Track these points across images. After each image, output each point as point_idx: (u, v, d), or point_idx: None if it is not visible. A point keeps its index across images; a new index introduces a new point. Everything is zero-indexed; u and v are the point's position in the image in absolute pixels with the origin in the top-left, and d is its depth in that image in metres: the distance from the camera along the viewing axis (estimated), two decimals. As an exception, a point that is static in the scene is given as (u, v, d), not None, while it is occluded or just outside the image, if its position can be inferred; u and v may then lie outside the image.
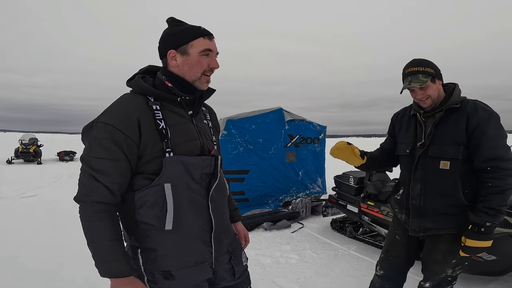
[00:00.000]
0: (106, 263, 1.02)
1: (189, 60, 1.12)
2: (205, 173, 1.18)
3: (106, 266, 1.02)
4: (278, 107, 5.22)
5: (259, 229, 4.32)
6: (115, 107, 1.08)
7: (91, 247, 1.03)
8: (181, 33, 1.12)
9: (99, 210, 1.03)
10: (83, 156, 1.06)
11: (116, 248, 1.04)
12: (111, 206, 1.06)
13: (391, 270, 1.93)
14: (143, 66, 1.24)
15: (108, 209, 1.05)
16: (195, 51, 1.11)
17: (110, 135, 1.03)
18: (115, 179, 1.04)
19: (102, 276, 1.03)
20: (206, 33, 1.13)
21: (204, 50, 1.12)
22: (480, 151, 1.55)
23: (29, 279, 2.81)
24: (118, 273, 1.03)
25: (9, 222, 4.65)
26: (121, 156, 1.04)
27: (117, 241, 1.05)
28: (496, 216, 1.51)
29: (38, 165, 12.86)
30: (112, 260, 1.02)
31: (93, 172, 1.03)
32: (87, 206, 1.04)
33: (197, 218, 1.15)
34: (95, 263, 1.03)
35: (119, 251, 1.04)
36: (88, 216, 1.03)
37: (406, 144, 1.78)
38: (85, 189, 1.04)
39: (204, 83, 1.16)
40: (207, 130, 1.28)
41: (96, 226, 1.03)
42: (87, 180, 1.04)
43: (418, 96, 1.65)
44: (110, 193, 1.04)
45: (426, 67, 1.61)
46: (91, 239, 1.03)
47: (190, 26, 1.14)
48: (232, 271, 1.30)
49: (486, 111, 1.57)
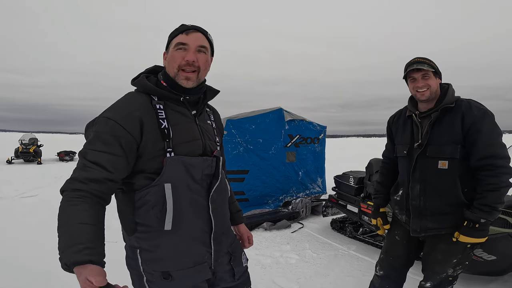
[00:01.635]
0: (68, 247, 0.85)
1: (168, 56, 1.16)
2: (206, 174, 1.17)
3: (67, 252, 0.85)
4: (278, 107, 5.22)
5: (259, 229, 4.32)
6: (119, 104, 1.09)
7: (58, 231, 0.89)
8: (170, 34, 1.17)
9: (77, 196, 0.94)
10: (81, 149, 1.04)
11: (86, 231, 0.89)
12: (95, 197, 0.97)
13: (391, 271, 1.93)
14: (148, 67, 1.26)
15: (86, 196, 0.94)
16: (172, 46, 1.14)
17: (110, 129, 1.02)
18: (107, 172, 0.99)
19: (64, 268, 0.85)
20: (185, 29, 1.13)
21: (177, 44, 1.12)
22: (476, 149, 1.56)
23: (29, 279, 2.81)
24: (76, 259, 0.84)
25: (9, 222, 4.65)
26: (119, 151, 1.02)
27: (90, 225, 0.90)
28: (491, 213, 1.52)
29: (38, 165, 12.86)
30: (76, 243, 0.85)
31: (86, 162, 0.99)
32: (67, 193, 0.95)
33: (197, 219, 1.15)
34: (59, 253, 0.86)
35: (88, 235, 0.89)
36: (63, 202, 0.94)
37: (404, 145, 1.79)
38: (70, 178, 0.98)
39: (182, 80, 1.13)
40: (211, 131, 1.27)
41: (68, 210, 0.92)
42: (76, 171, 0.99)
43: (419, 84, 1.65)
44: (96, 185, 0.97)
45: (431, 62, 1.65)
46: (59, 224, 0.90)
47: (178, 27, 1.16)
48: (232, 272, 1.29)
49: (480, 109, 1.59)
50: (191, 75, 1.13)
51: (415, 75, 1.66)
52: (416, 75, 1.66)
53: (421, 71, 1.64)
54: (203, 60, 1.15)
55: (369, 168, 3.78)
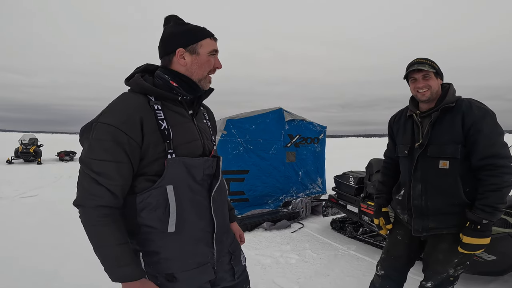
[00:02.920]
0: (117, 268, 1.01)
1: (199, 59, 1.13)
2: (207, 174, 1.17)
3: (118, 271, 1.01)
4: (278, 107, 5.22)
5: (259, 229, 4.32)
6: (116, 107, 1.05)
7: (99, 252, 1.02)
8: (189, 32, 1.13)
9: (103, 215, 1.01)
10: (83, 158, 1.02)
11: (126, 252, 1.02)
12: (114, 209, 1.03)
13: (391, 270, 1.93)
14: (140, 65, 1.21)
15: (111, 213, 1.02)
16: (205, 51, 1.14)
17: (112, 136, 1.00)
18: (117, 181, 1.02)
19: (114, 281, 1.02)
20: (212, 34, 1.16)
21: (212, 51, 1.15)
22: (477, 149, 1.55)
23: (29, 279, 2.81)
24: (130, 277, 1.02)
25: (9, 222, 4.64)
26: (124, 158, 1.01)
27: (125, 244, 1.03)
28: (493, 213, 1.52)
29: (38, 165, 12.86)
30: (123, 265, 1.01)
31: (94, 175, 1.00)
32: (89, 211, 1.01)
33: (199, 220, 1.15)
34: (105, 269, 1.02)
35: (129, 255, 1.03)
36: (92, 221, 1.01)
37: (405, 145, 1.79)
38: (86, 193, 1.01)
39: (207, 83, 1.19)
40: (207, 130, 1.28)
41: (102, 231, 1.00)
42: (87, 183, 1.01)
43: (419, 84, 1.66)
44: (113, 197, 1.02)
45: (432, 63, 1.66)
46: (98, 245, 1.01)
47: (196, 26, 1.15)
48: (232, 272, 1.30)
49: (481, 109, 1.58)
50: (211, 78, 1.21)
51: (416, 76, 1.67)
52: (417, 76, 1.66)
53: (422, 72, 1.64)
54: None
55: (369, 168, 3.78)
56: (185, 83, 1.13)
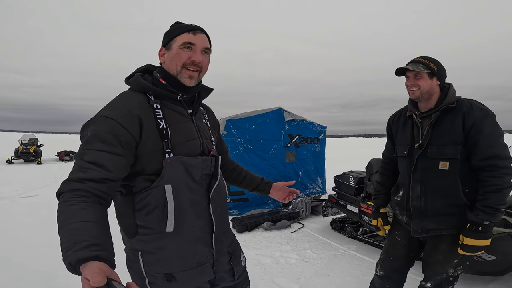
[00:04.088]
0: (73, 246, 0.76)
1: (170, 54, 1.13)
2: (206, 174, 1.17)
3: (73, 250, 0.76)
4: (278, 107, 5.22)
5: (259, 229, 4.32)
6: (116, 102, 1.06)
7: (60, 233, 0.81)
8: (171, 31, 1.14)
9: (77, 195, 0.88)
10: (78, 151, 0.99)
11: (91, 228, 0.82)
12: (95, 197, 0.91)
13: (391, 271, 1.93)
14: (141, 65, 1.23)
15: (89, 197, 0.90)
16: (176, 45, 1.12)
17: (110, 128, 0.99)
18: (108, 173, 0.95)
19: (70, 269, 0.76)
20: (192, 29, 1.13)
21: (184, 43, 1.11)
22: (477, 150, 1.55)
23: (29, 279, 2.81)
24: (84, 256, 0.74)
25: (9, 222, 4.64)
26: (119, 150, 0.99)
27: (94, 223, 0.83)
28: (494, 214, 1.51)
29: (38, 165, 12.85)
30: (80, 241, 0.77)
31: (84, 164, 0.94)
32: (65, 194, 0.89)
33: (198, 219, 1.14)
34: (62, 254, 0.78)
35: (96, 231, 0.82)
36: (62, 202, 0.88)
37: (404, 146, 1.78)
38: (66, 180, 0.92)
39: (186, 78, 1.13)
40: (206, 130, 1.27)
41: (68, 209, 0.85)
42: (74, 172, 0.94)
43: (408, 82, 1.69)
44: (96, 184, 0.92)
45: (430, 62, 1.65)
46: (60, 226, 0.83)
47: (181, 25, 1.15)
48: (232, 272, 1.29)
49: (482, 110, 1.58)
50: (194, 74, 1.13)
51: (408, 74, 1.70)
52: (409, 74, 1.69)
53: (413, 71, 1.65)
54: (206, 62, 1.16)
55: (369, 168, 3.78)
56: (169, 79, 1.14)
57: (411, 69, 1.63)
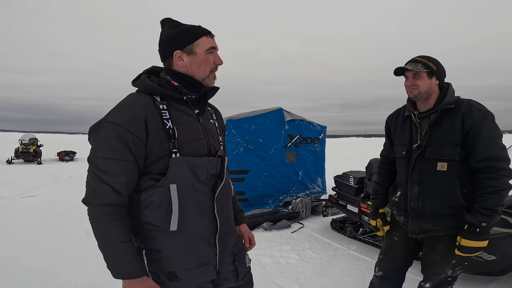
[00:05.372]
0: (119, 264, 1.02)
1: (196, 59, 1.14)
2: (211, 174, 1.18)
3: (119, 267, 1.03)
4: (278, 107, 5.22)
5: (259, 229, 4.32)
6: (122, 106, 1.08)
7: (102, 249, 1.03)
8: (184, 33, 1.13)
9: (108, 213, 1.03)
10: (90, 157, 1.05)
11: (128, 250, 1.04)
12: (119, 207, 1.05)
13: (390, 271, 1.93)
14: (147, 67, 1.24)
15: (117, 211, 1.04)
16: (201, 50, 1.13)
17: (117, 135, 1.02)
18: (122, 179, 1.03)
19: (115, 278, 1.03)
20: (208, 32, 1.15)
21: (210, 48, 1.15)
22: (476, 151, 1.54)
23: (29, 279, 2.81)
24: (131, 274, 1.03)
25: (9, 222, 4.64)
26: (128, 156, 1.03)
27: (128, 242, 1.04)
28: (492, 216, 1.51)
29: (38, 165, 12.86)
30: (124, 262, 1.02)
31: (99, 173, 1.02)
32: (95, 208, 1.03)
33: (202, 219, 1.15)
34: (107, 265, 1.03)
35: (131, 252, 1.04)
36: (98, 219, 1.03)
37: (402, 146, 1.78)
38: (92, 191, 1.03)
39: (212, 80, 1.19)
40: (214, 130, 1.27)
41: (107, 228, 1.02)
42: (93, 181, 1.03)
43: (407, 82, 1.68)
44: (117, 194, 1.03)
45: (429, 61, 1.64)
46: (102, 242, 1.03)
47: (190, 26, 1.15)
48: (235, 273, 1.30)
49: (481, 110, 1.57)
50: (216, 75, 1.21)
51: (406, 73, 1.69)
52: (407, 73, 1.68)
53: (412, 71, 1.65)
54: None
55: (369, 168, 3.78)
56: (187, 82, 1.14)
57: (409, 68, 1.63)
